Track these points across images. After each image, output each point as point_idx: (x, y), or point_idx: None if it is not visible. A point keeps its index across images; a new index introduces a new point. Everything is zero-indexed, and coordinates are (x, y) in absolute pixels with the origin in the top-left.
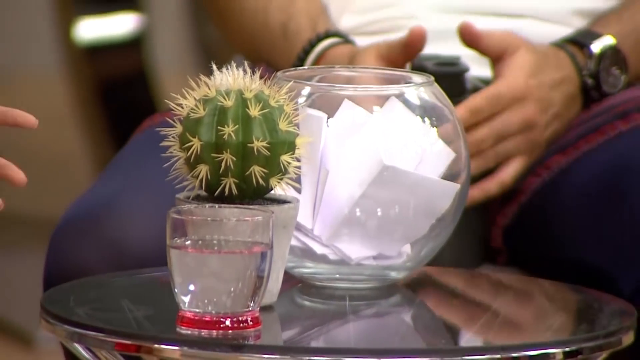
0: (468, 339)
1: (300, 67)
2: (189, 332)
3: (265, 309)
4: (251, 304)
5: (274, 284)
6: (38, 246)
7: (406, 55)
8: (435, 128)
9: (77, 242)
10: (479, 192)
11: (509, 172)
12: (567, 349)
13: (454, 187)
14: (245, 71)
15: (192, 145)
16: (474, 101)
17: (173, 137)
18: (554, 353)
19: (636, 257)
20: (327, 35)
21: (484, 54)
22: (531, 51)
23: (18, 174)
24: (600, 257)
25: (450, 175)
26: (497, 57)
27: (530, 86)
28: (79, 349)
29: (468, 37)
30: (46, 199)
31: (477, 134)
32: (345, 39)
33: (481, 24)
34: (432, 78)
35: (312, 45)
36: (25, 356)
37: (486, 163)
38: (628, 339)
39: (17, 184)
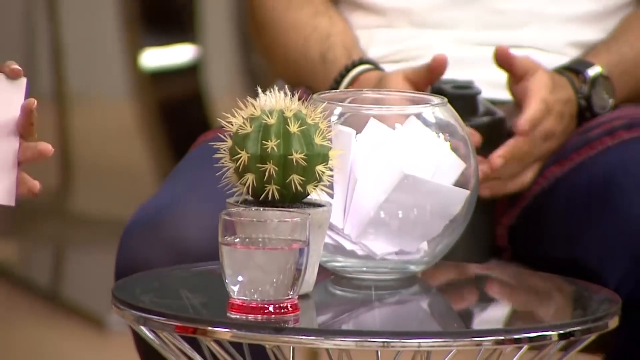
0: (477, 323)
1: (333, 90)
2: (238, 316)
3: (303, 297)
4: (291, 293)
5: (310, 275)
6: (110, 243)
7: (429, 79)
8: (448, 142)
9: (143, 240)
10: (492, 191)
11: (528, 175)
12: (561, 332)
13: (464, 193)
14: (286, 94)
15: (240, 157)
16: (534, 115)
17: (224, 150)
18: (550, 335)
19: (621, 253)
20: (361, 62)
21: (512, 73)
22: (547, 72)
23: (34, 185)
24: (589, 254)
25: (461, 182)
26: (519, 77)
27: (552, 101)
28: (145, 330)
29: (502, 58)
30: (117, 203)
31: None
32: (375, 66)
33: (490, 54)
34: (446, 100)
35: (347, 70)
36: (97, 337)
37: (496, 170)
38: (613, 323)
39: (34, 196)
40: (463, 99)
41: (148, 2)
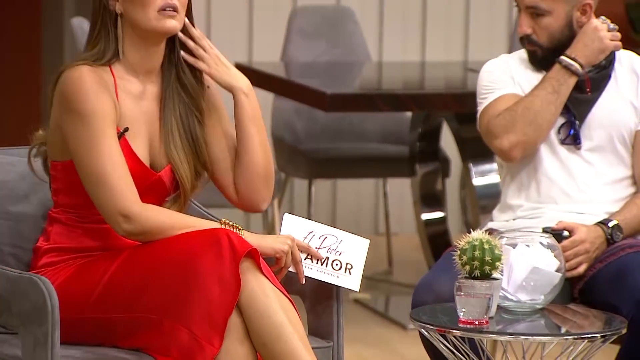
0: (565, 330)
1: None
2: (463, 325)
3: (490, 318)
4: (485, 316)
5: (493, 308)
6: (410, 296)
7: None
8: (552, 253)
9: (422, 292)
10: (570, 274)
11: (581, 269)
12: (602, 334)
13: (558, 275)
14: (484, 232)
15: (463, 259)
16: (564, 244)
17: (456, 255)
18: (597, 335)
19: (629, 301)
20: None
21: (566, 229)
22: (585, 226)
23: (301, 276)
24: (616, 301)
25: (557, 270)
26: (570, 230)
27: (588, 237)
28: (423, 331)
29: (561, 225)
30: (413, 277)
31: (566, 254)
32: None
33: (567, 215)
34: (552, 235)
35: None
36: (402, 334)
37: (570, 265)
38: (624, 330)
39: (300, 281)
40: (557, 235)
41: (425, 190)
